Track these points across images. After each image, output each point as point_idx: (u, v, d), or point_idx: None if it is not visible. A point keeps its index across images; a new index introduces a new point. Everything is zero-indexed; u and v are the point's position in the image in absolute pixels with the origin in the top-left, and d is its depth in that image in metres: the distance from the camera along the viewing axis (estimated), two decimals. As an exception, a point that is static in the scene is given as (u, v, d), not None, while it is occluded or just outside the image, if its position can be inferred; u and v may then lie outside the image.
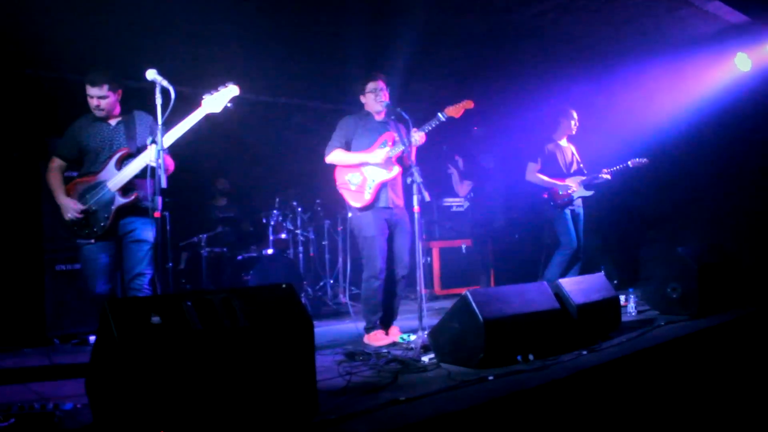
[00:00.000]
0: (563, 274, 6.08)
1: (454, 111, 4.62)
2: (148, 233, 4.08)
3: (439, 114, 4.61)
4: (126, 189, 4.06)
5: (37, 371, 4.04)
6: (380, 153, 4.70)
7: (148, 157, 3.89)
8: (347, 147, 4.83)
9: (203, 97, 4.01)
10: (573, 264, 6.27)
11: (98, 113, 4.13)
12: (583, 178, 6.29)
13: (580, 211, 6.37)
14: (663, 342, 4.17)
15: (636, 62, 7.36)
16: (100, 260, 4.07)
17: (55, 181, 4.14)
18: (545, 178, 6.30)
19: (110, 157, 4.09)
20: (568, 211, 6.28)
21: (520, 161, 6.50)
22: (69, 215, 4.01)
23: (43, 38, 5.60)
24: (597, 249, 7.43)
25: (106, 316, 2.41)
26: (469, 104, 4.65)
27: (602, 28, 6.62)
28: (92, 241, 4.04)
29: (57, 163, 4.22)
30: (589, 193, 6.27)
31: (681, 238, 6.97)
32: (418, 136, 4.59)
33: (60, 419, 2.84)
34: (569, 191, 6.22)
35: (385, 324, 4.84)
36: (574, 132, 6.47)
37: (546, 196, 6.30)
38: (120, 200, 4.04)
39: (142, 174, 3.97)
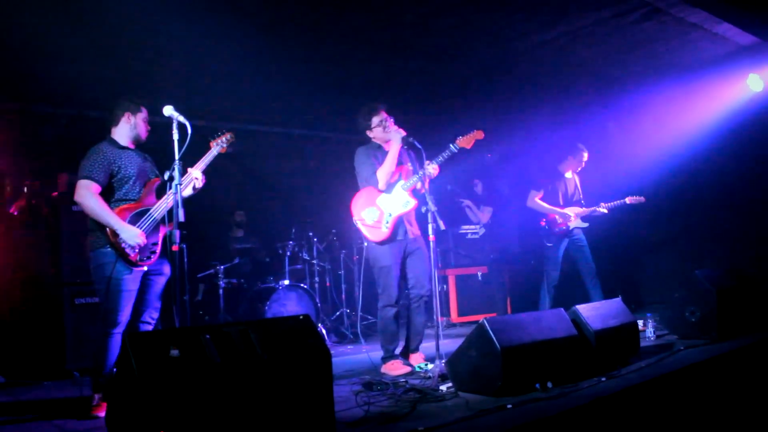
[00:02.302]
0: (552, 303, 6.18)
1: (465, 142, 4.65)
2: (167, 267, 4.11)
3: (451, 145, 4.64)
4: (165, 219, 4.04)
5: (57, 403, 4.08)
6: (402, 193, 4.73)
7: (189, 188, 4.06)
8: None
9: (210, 139, 4.22)
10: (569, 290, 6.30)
11: (144, 136, 4.16)
12: (581, 210, 6.38)
13: (583, 239, 6.37)
14: (683, 367, 4.13)
15: (647, 86, 7.38)
16: (134, 290, 3.90)
17: (106, 207, 3.84)
18: (546, 205, 6.37)
19: (148, 185, 4.07)
20: (564, 242, 6.34)
21: (529, 187, 6.53)
22: (136, 241, 3.81)
23: (62, 76, 5.75)
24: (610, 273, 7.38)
25: (125, 349, 2.44)
26: (479, 134, 4.68)
27: (612, 53, 6.66)
28: (145, 268, 3.92)
29: (96, 188, 3.86)
30: (585, 225, 6.37)
31: (699, 262, 6.91)
32: (431, 168, 4.61)
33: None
34: (567, 221, 6.29)
35: (405, 353, 4.82)
36: (578, 171, 6.54)
37: (543, 223, 6.36)
38: (165, 229, 4.02)
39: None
